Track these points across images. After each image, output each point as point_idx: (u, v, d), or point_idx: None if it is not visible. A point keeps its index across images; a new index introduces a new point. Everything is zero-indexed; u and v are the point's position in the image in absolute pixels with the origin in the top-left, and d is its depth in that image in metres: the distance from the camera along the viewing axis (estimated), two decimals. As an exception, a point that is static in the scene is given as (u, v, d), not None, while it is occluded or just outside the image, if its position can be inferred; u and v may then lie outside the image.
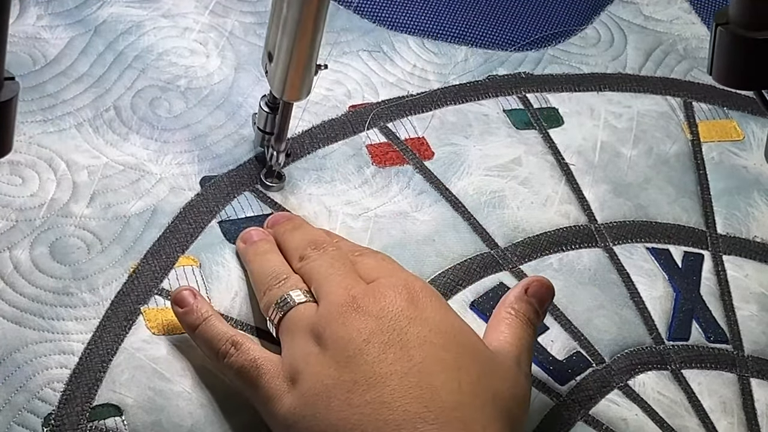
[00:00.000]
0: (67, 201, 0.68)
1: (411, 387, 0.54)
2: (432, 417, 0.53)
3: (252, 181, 0.71)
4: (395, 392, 0.54)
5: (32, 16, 0.77)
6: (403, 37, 0.83)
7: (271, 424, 0.58)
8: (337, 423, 0.54)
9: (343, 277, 0.60)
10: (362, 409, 0.54)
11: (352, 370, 0.55)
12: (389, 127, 0.76)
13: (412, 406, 0.54)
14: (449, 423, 0.54)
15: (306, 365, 0.57)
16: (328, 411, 0.55)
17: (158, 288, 0.65)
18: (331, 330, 0.57)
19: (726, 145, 0.81)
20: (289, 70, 0.65)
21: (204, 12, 0.80)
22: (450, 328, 0.58)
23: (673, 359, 0.67)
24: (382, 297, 0.58)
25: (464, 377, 0.56)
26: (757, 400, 0.67)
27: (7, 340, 0.61)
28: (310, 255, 0.63)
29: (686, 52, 0.87)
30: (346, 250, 0.64)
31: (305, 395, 0.56)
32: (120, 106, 0.73)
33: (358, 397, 0.55)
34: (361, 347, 0.56)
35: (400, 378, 0.55)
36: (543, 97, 0.80)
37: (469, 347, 0.58)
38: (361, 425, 0.54)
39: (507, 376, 0.58)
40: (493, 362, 0.58)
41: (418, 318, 0.57)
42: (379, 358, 0.56)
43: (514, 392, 0.58)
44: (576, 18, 0.87)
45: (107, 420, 0.59)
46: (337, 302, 0.58)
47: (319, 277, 0.61)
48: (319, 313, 0.59)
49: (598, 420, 0.64)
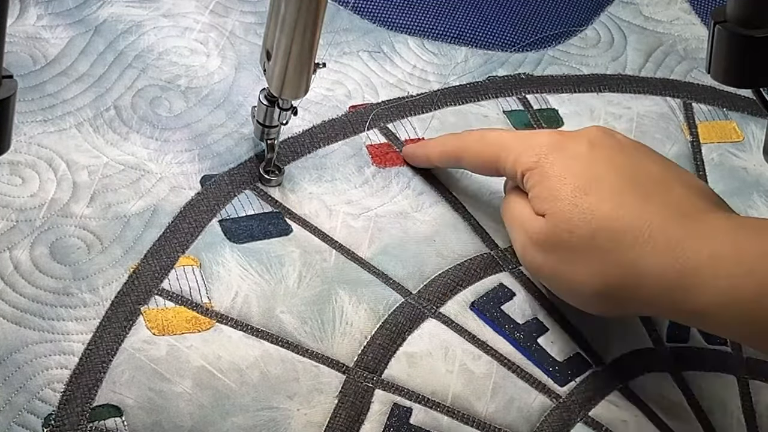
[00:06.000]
0: (68, 201, 0.68)
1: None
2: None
3: (252, 179, 0.71)
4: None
5: (32, 16, 0.77)
6: (403, 37, 0.83)
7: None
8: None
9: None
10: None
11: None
12: (389, 127, 0.76)
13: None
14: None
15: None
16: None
17: (158, 288, 0.65)
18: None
19: (726, 146, 0.81)
20: (287, 68, 0.65)
21: (204, 11, 0.80)
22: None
23: (672, 361, 0.68)
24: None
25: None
26: (756, 402, 0.67)
27: (8, 340, 0.61)
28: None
29: (686, 52, 0.87)
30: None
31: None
32: (120, 105, 0.73)
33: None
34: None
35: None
36: (543, 98, 0.80)
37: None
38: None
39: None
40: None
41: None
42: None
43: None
44: (576, 19, 0.87)
45: (107, 420, 0.59)
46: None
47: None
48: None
49: (598, 421, 0.64)
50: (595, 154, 0.64)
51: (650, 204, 0.61)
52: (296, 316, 0.65)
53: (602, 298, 0.62)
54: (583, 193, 0.62)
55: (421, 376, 0.64)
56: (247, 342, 0.63)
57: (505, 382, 0.65)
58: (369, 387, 0.63)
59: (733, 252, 0.58)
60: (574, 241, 0.62)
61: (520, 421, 0.64)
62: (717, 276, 0.57)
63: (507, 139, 0.68)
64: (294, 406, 0.62)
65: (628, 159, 0.64)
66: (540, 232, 0.64)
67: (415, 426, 0.62)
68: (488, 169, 0.69)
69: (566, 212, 0.62)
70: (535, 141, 0.66)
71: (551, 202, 0.63)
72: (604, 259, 0.61)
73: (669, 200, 0.62)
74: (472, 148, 0.70)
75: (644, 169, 0.64)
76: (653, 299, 0.60)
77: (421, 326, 0.66)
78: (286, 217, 0.70)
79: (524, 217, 0.65)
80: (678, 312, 0.61)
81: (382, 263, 0.68)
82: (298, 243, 0.68)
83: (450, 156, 0.71)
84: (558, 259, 0.63)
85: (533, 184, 0.65)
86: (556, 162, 0.64)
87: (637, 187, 0.62)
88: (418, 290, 0.68)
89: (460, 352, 0.65)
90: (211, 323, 0.64)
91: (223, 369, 0.62)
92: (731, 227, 0.60)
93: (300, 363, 0.63)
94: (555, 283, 0.65)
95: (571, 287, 0.64)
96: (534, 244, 0.64)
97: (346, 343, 0.65)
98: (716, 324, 0.60)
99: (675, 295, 0.59)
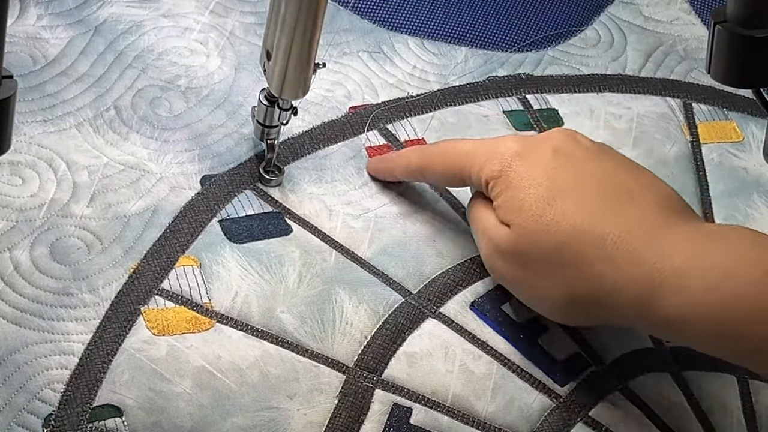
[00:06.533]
0: (68, 201, 0.68)
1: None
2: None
3: (252, 179, 0.71)
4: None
5: (32, 16, 0.77)
6: (403, 37, 0.83)
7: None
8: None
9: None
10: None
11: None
12: (389, 128, 0.76)
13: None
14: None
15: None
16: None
17: (158, 288, 0.65)
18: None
19: (726, 146, 0.81)
20: (287, 68, 0.65)
21: (204, 12, 0.80)
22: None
23: (672, 361, 0.68)
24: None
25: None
26: (756, 402, 0.67)
27: (8, 340, 0.61)
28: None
29: (686, 53, 0.87)
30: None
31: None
32: (120, 105, 0.73)
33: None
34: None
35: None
36: (543, 98, 0.80)
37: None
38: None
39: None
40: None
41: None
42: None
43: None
44: (576, 19, 0.87)
45: (107, 421, 0.59)
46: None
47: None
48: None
49: (598, 421, 0.64)
50: (559, 162, 0.64)
51: (616, 216, 0.61)
52: (296, 316, 0.65)
53: (567, 309, 0.63)
54: (546, 204, 0.62)
55: (421, 376, 0.64)
56: (247, 342, 0.63)
57: (505, 382, 0.65)
58: (369, 387, 0.63)
59: (697, 265, 0.58)
60: (538, 253, 0.62)
61: (520, 421, 0.64)
62: (680, 289, 0.57)
63: (470, 148, 0.67)
64: (294, 406, 0.62)
65: (594, 165, 0.64)
66: (505, 241, 0.63)
67: (415, 426, 0.62)
68: (454, 180, 0.68)
69: (530, 224, 0.62)
70: (498, 148, 0.65)
71: (515, 213, 0.63)
72: (568, 272, 0.61)
73: (635, 211, 0.61)
74: (436, 161, 0.69)
75: (611, 177, 0.63)
76: (619, 311, 0.60)
77: (421, 326, 0.66)
78: (286, 217, 0.70)
79: (489, 224, 0.65)
80: (645, 323, 0.61)
81: (382, 263, 0.68)
82: (298, 243, 0.68)
83: (413, 171, 0.71)
84: (522, 269, 0.63)
85: (497, 193, 0.64)
86: (519, 170, 0.64)
87: (603, 196, 0.62)
88: (418, 290, 0.68)
89: (460, 352, 0.65)
90: (211, 323, 0.64)
91: (223, 369, 0.62)
92: (696, 238, 0.59)
93: (300, 363, 0.63)
94: (520, 291, 0.65)
95: (536, 297, 0.64)
96: (498, 252, 0.64)
97: (346, 343, 0.65)
98: (683, 336, 0.60)
99: (640, 307, 0.59)
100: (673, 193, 0.64)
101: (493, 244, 0.64)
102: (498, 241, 0.64)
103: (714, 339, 0.58)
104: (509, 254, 0.63)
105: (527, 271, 0.63)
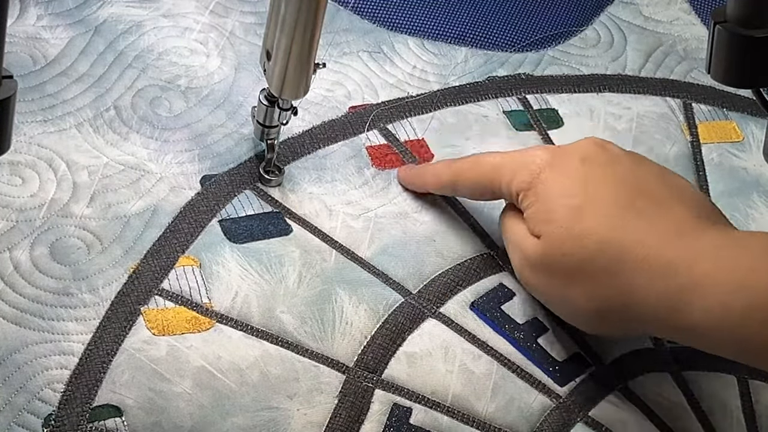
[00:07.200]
0: (68, 201, 0.68)
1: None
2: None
3: (252, 179, 0.71)
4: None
5: (32, 16, 0.77)
6: (403, 38, 0.83)
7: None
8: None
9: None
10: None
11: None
12: (389, 128, 0.76)
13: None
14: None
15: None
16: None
17: (158, 288, 0.65)
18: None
19: (725, 146, 0.81)
20: (287, 68, 0.65)
21: (204, 12, 0.80)
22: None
23: (672, 361, 0.68)
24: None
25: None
26: (756, 402, 0.67)
27: (8, 340, 0.61)
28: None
29: (686, 53, 0.87)
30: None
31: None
32: (120, 105, 0.73)
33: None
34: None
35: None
36: (543, 98, 0.80)
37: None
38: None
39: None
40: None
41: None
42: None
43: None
44: (576, 19, 0.87)
45: (107, 421, 0.59)
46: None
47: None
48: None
49: (598, 421, 0.64)
50: (588, 171, 0.63)
51: (646, 224, 0.61)
52: (296, 316, 0.65)
53: (598, 319, 0.63)
54: (576, 214, 0.62)
55: (421, 376, 0.64)
56: (247, 342, 0.63)
57: (505, 382, 0.65)
58: (369, 387, 0.63)
59: (723, 270, 0.58)
60: (568, 264, 0.62)
61: (520, 421, 0.64)
62: (706, 294, 0.57)
63: (500, 161, 0.67)
64: (294, 406, 0.62)
65: (624, 174, 0.64)
66: (535, 253, 0.63)
67: (415, 426, 0.62)
68: (485, 194, 0.68)
69: (560, 236, 0.62)
70: (527, 160, 0.65)
71: (545, 225, 0.63)
72: (599, 282, 0.61)
73: (665, 220, 0.61)
74: (466, 175, 0.69)
75: (641, 185, 0.63)
76: (648, 320, 0.60)
77: (421, 326, 0.66)
78: (286, 217, 0.70)
79: (520, 236, 0.65)
80: (673, 331, 0.61)
81: (382, 263, 0.69)
82: (298, 243, 0.68)
83: (446, 186, 0.71)
84: (553, 280, 0.63)
85: (528, 204, 0.64)
86: (548, 181, 0.64)
87: (632, 205, 0.62)
88: (418, 290, 0.68)
89: (460, 352, 0.65)
90: (211, 323, 0.64)
91: (223, 369, 0.62)
92: (723, 245, 0.59)
93: (300, 363, 0.63)
94: (551, 302, 0.65)
95: (567, 308, 0.64)
96: (529, 264, 0.64)
97: (346, 343, 0.65)
98: (709, 342, 0.59)
99: (669, 315, 0.59)
100: (703, 199, 0.65)
101: (524, 256, 0.64)
102: (528, 252, 0.64)
103: (739, 342, 0.57)
104: (540, 265, 0.63)
105: (558, 282, 0.63)
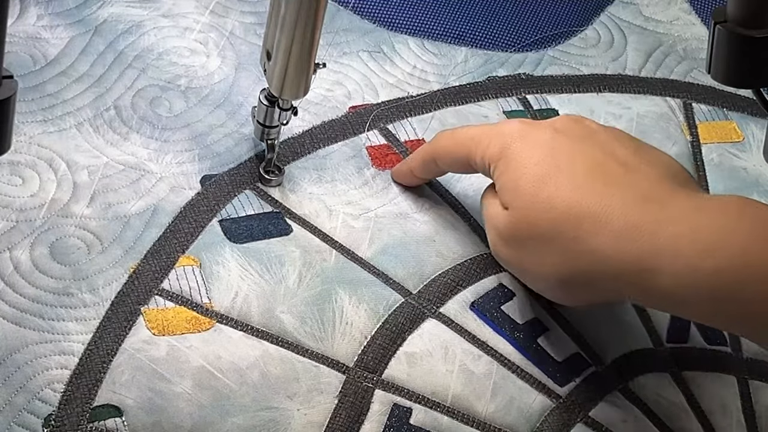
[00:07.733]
0: (68, 201, 0.68)
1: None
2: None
3: (252, 179, 0.71)
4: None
5: (32, 16, 0.77)
6: (403, 37, 0.83)
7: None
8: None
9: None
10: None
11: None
12: (389, 128, 0.76)
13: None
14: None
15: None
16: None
17: (158, 288, 0.65)
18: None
19: (726, 146, 0.81)
20: (287, 68, 0.65)
21: (204, 12, 0.80)
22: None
23: (672, 361, 0.68)
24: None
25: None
26: (756, 402, 0.67)
27: (8, 340, 0.61)
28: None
29: (686, 53, 0.87)
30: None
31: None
32: (120, 105, 0.73)
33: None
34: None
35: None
36: (543, 98, 0.80)
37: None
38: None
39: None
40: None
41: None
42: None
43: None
44: (576, 19, 0.87)
45: (107, 421, 0.59)
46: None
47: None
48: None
49: (598, 422, 0.64)
50: (558, 142, 0.63)
51: (611, 188, 0.61)
52: (296, 316, 0.65)
53: (568, 287, 0.63)
54: (541, 182, 0.62)
55: (421, 376, 0.64)
56: (247, 342, 0.63)
57: (505, 382, 0.65)
58: (369, 387, 0.63)
59: (690, 232, 0.57)
60: (535, 232, 0.62)
61: (520, 421, 0.64)
62: (675, 257, 0.57)
63: (476, 132, 0.67)
64: (294, 406, 0.62)
65: (595, 145, 0.64)
66: (504, 224, 0.64)
67: (415, 426, 0.62)
68: (465, 165, 0.68)
69: (526, 204, 0.62)
70: (502, 130, 0.65)
71: (512, 194, 0.63)
72: (566, 248, 0.61)
73: (631, 183, 0.61)
74: (445, 148, 0.69)
75: (610, 153, 0.63)
76: (617, 284, 0.60)
77: (421, 326, 0.66)
78: (286, 217, 0.70)
79: (492, 210, 0.65)
80: (643, 295, 0.60)
81: (382, 263, 0.69)
82: (298, 243, 0.68)
83: (427, 162, 0.71)
84: (522, 251, 0.63)
85: (498, 174, 0.64)
86: (519, 150, 0.64)
87: (598, 172, 0.62)
88: (418, 290, 0.68)
89: (460, 352, 0.66)
90: (211, 323, 0.64)
91: (223, 369, 0.62)
92: (691, 208, 0.59)
93: (300, 363, 0.63)
94: (522, 274, 0.66)
95: (538, 278, 0.64)
96: (499, 236, 0.64)
97: (346, 343, 0.65)
98: (679, 305, 0.59)
99: (637, 278, 0.59)
100: (677, 166, 0.64)
101: (495, 230, 0.65)
102: (497, 224, 0.64)
103: (709, 306, 0.57)
104: (509, 237, 0.64)
105: (527, 252, 0.63)
